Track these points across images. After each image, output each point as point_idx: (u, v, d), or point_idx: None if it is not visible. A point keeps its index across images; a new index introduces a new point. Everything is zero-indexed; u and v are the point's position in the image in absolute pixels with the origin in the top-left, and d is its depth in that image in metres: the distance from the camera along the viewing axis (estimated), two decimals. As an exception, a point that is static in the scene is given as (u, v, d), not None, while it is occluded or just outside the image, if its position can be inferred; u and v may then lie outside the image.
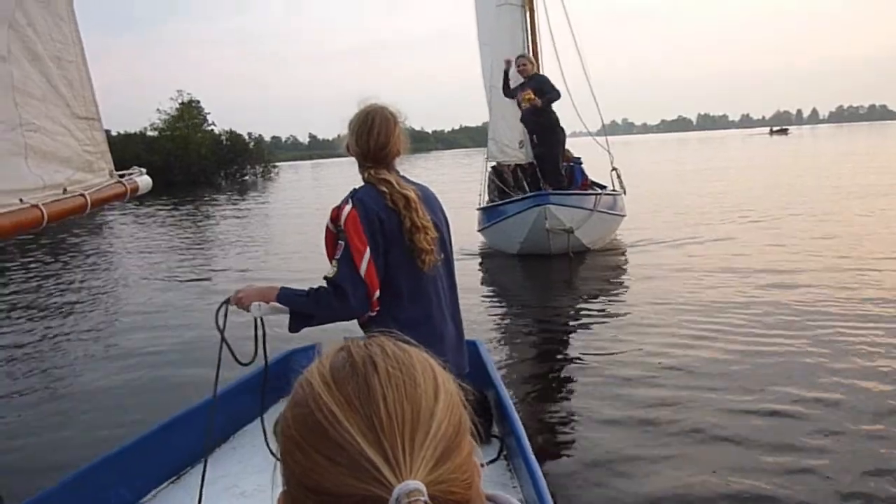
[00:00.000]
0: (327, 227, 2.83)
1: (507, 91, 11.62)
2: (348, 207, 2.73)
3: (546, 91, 11.15)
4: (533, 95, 11.03)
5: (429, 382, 0.72)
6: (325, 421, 0.67)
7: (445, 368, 0.78)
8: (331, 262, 2.78)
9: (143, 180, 2.86)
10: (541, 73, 11.74)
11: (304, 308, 2.78)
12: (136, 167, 2.90)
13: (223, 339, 2.78)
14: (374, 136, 2.81)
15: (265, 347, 2.95)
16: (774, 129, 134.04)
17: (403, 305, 2.83)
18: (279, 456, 0.74)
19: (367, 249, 2.71)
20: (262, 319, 2.91)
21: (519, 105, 11.44)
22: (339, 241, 2.72)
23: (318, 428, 0.68)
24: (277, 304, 2.86)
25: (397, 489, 0.63)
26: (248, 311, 2.85)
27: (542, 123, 11.28)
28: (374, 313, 2.77)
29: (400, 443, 0.66)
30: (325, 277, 2.73)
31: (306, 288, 2.80)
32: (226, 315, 2.84)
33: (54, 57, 2.36)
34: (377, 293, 2.75)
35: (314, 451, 0.67)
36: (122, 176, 2.76)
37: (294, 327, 2.85)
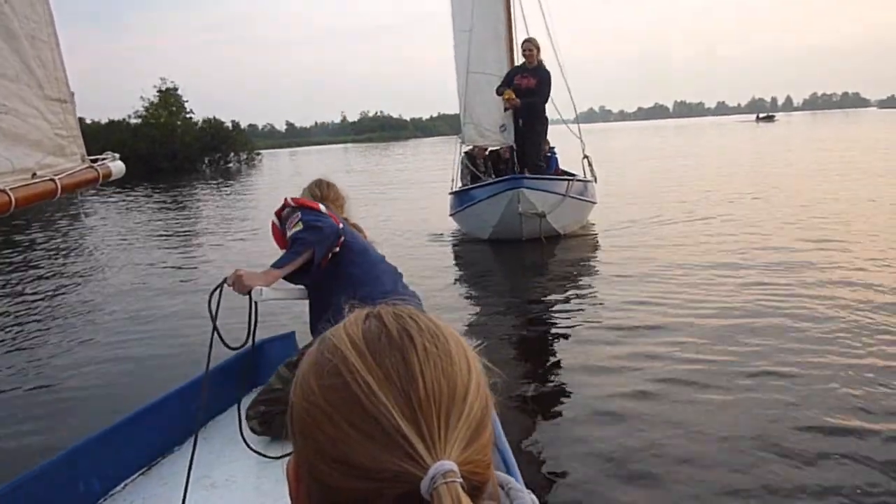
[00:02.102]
0: (273, 225, 3.25)
1: (503, 86, 11.44)
2: (290, 197, 3.22)
3: (539, 91, 11.15)
4: (514, 95, 11.06)
5: (463, 361, 0.71)
6: (362, 393, 0.66)
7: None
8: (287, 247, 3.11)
9: (116, 165, 2.84)
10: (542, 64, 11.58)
11: (301, 251, 3.01)
12: (108, 152, 2.87)
13: (214, 326, 2.81)
14: (332, 190, 3.52)
15: (255, 332, 2.97)
16: (761, 116, 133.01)
17: (357, 261, 3.17)
18: (292, 423, 0.72)
19: (322, 205, 3.17)
20: (257, 304, 2.93)
21: (498, 93, 11.40)
22: (294, 214, 3.10)
23: (353, 399, 0.66)
24: (279, 289, 3.06)
25: (433, 468, 0.63)
26: (248, 294, 2.92)
27: (534, 107, 11.26)
28: (337, 248, 3.12)
29: (436, 421, 0.65)
30: (297, 231, 3.04)
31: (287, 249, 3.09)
32: (219, 298, 2.86)
33: (29, 36, 2.32)
34: (341, 225, 3.15)
35: (346, 424, 0.66)
36: (94, 161, 2.73)
37: (300, 281, 3.19)
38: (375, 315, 0.74)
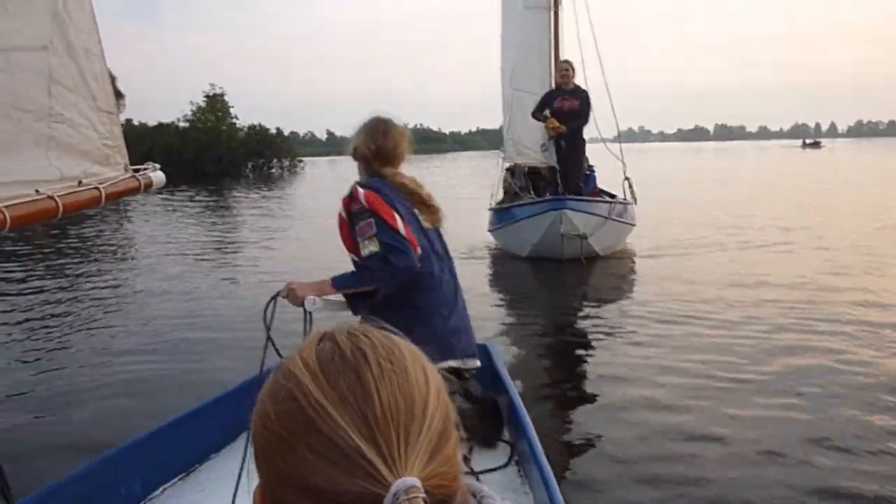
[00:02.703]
0: (340, 218, 2.94)
1: (539, 111, 11.42)
2: (361, 190, 2.87)
3: (582, 112, 11.15)
4: (557, 123, 11.02)
5: (420, 374, 0.70)
6: (317, 416, 0.65)
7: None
8: (355, 251, 2.91)
9: (157, 176, 2.89)
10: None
11: (366, 283, 2.88)
12: (150, 163, 2.93)
13: (268, 337, 2.83)
14: (389, 136, 2.99)
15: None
16: (807, 142, 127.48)
17: (420, 287, 2.94)
18: (254, 450, 0.72)
19: (397, 214, 2.84)
20: (311, 315, 2.96)
21: (536, 118, 11.40)
22: (367, 220, 2.82)
23: (308, 423, 0.66)
24: (331, 297, 2.96)
25: (395, 486, 0.62)
26: (301, 305, 2.92)
27: (577, 130, 11.25)
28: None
29: (395, 438, 0.64)
30: (372, 253, 2.82)
31: (353, 270, 2.93)
32: (273, 310, 2.90)
33: (84, 48, 2.40)
34: (419, 251, 2.88)
35: (305, 448, 0.65)
36: (136, 171, 2.80)
37: (357, 309, 2.98)
38: (329, 336, 0.73)
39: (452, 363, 2.99)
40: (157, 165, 2.94)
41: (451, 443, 0.69)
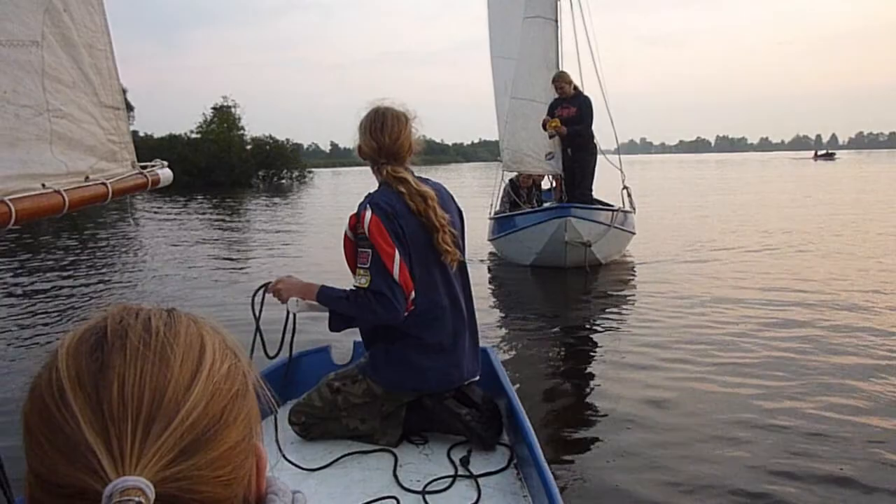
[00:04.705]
0: (346, 236, 2.85)
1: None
2: (368, 214, 2.75)
3: (584, 118, 11.16)
4: (559, 123, 11.04)
5: (187, 365, 0.63)
6: (51, 399, 0.60)
7: (226, 349, 0.68)
8: (353, 272, 2.83)
9: (165, 173, 2.89)
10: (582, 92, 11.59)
11: (346, 310, 2.82)
12: (157, 160, 2.93)
13: (258, 328, 2.84)
14: (387, 130, 2.87)
15: (291, 343, 2.99)
16: (820, 153, 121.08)
17: (420, 308, 2.86)
18: None
19: (396, 252, 2.73)
20: (295, 316, 2.93)
21: (544, 127, 11.42)
22: (365, 249, 2.74)
23: (42, 405, 0.61)
24: (315, 303, 2.90)
25: (110, 485, 0.56)
26: (285, 304, 2.91)
27: (580, 135, 11.22)
28: (407, 313, 2.80)
29: (130, 432, 0.58)
30: (360, 287, 2.74)
31: (345, 289, 2.85)
32: (262, 301, 2.89)
33: (87, 44, 2.40)
34: (413, 294, 2.79)
35: (37, 431, 0.60)
36: (143, 167, 2.79)
37: (334, 327, 2.92)
38: (109, 314, 0.67)
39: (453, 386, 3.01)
40: (165, 162, 2.93)
41: (222, 444, 0.63)
